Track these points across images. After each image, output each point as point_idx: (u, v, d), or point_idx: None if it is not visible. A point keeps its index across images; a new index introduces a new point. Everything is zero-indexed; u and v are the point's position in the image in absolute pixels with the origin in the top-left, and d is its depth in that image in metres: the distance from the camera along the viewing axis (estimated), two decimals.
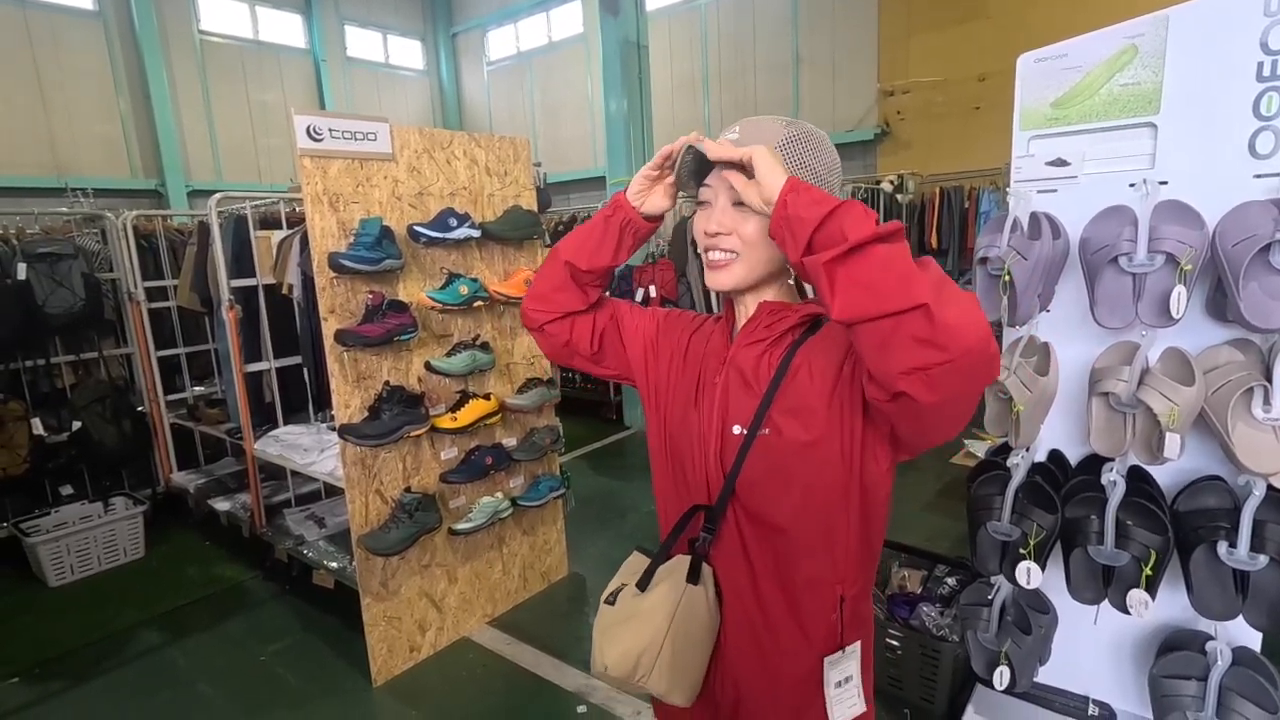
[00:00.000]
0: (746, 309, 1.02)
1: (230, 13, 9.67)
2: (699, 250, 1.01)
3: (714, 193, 0.95)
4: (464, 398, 2.67)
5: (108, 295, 4.00)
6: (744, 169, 0.87)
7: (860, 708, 1.02)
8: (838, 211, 0.75)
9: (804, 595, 0.98)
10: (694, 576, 0.98)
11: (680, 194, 1.05)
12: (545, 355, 1.36)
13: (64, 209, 4.49)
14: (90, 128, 8.39)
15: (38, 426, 3.55)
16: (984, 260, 1.63)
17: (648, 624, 0.96)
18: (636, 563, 1.08)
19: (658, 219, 1.05)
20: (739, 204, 0.92)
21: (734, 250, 0.94)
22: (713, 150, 0.89)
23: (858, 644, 1.01)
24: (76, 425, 3.71)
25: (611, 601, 1.02)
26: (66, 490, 3.82)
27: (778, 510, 0.95)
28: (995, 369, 0.73)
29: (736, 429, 0.96)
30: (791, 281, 1.03)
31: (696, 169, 0.97)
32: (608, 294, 1.17)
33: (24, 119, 7.85)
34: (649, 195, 1.03)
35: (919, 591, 2.44)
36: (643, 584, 1.01)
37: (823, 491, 0.93)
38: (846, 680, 1.01)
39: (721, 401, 0.99)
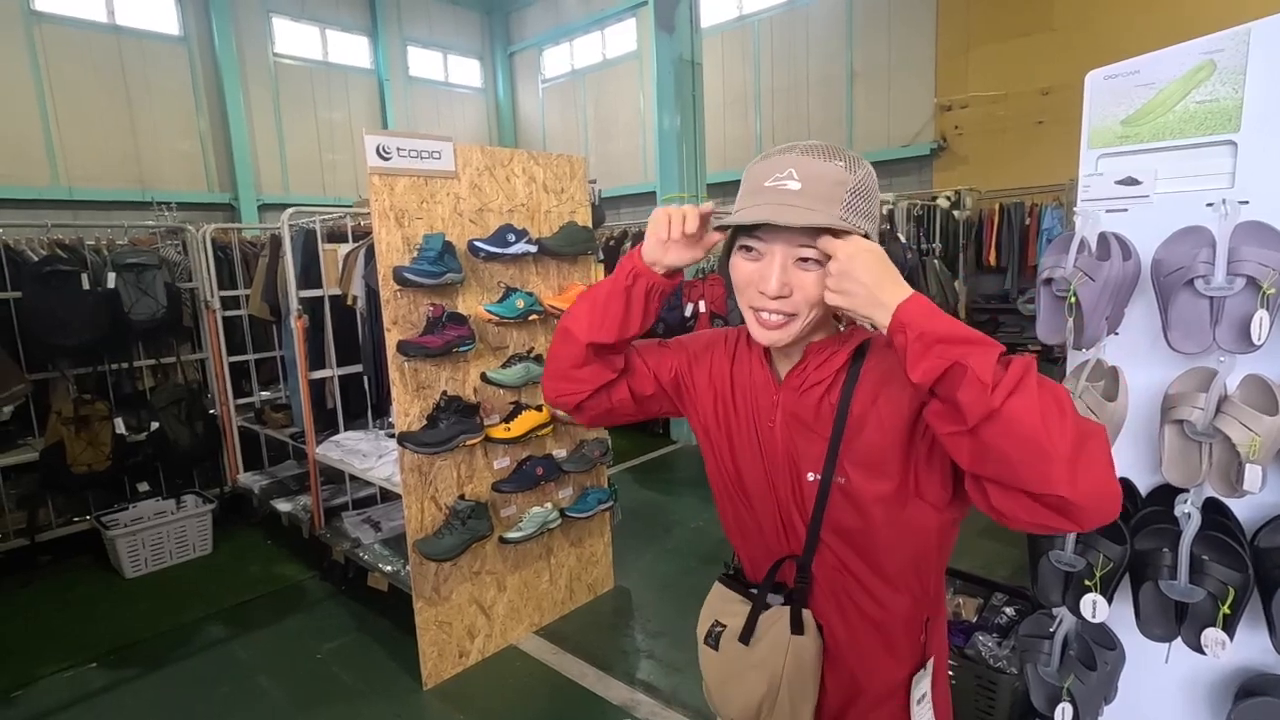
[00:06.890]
0: (788, 349, 0.97)
1: (302, 36, 10.19)
2: (746, 303, 0.93)
3: (768, 247, 0.87)
4: (517, 408, 2.73)
5: (186, 303, 4.23)
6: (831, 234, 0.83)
7: None
8: (978, 349, 0.72)
9: (894, 626, 0.98)
10: (798, 628, 0.98)
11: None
12: (584, 426, 1.35)
13: (150, 221, 4.78)
14: (172, 145, 8.93)
15: (120, 426, 3.79)
16: (1048, 281, 1.58)
17: (762, 675, 0.99)
18: (723, 597, 1.08)
19: (680, 272, 0.99)
20: (800, 260, 0.86)
21: (793, 312, 0.88)
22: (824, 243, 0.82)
23: (932, 660, 1.02)
24: (154, 425, 3.93)
25: (714, 645, 1.04)
26: (143, 487, 4.03)
27: (867, 554, 0.95)
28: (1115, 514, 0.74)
29: (811, 476, 0.94)
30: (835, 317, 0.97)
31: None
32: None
33: (115, 137, 8.42)
34: (669, 253, 0.95)
35: (974, 620, 2.36)
36: (745, 637, 1.01)
37: (911, 532, 0.92)
38: (924, 698, 1.02)
39: (785, 448, 0.97)
